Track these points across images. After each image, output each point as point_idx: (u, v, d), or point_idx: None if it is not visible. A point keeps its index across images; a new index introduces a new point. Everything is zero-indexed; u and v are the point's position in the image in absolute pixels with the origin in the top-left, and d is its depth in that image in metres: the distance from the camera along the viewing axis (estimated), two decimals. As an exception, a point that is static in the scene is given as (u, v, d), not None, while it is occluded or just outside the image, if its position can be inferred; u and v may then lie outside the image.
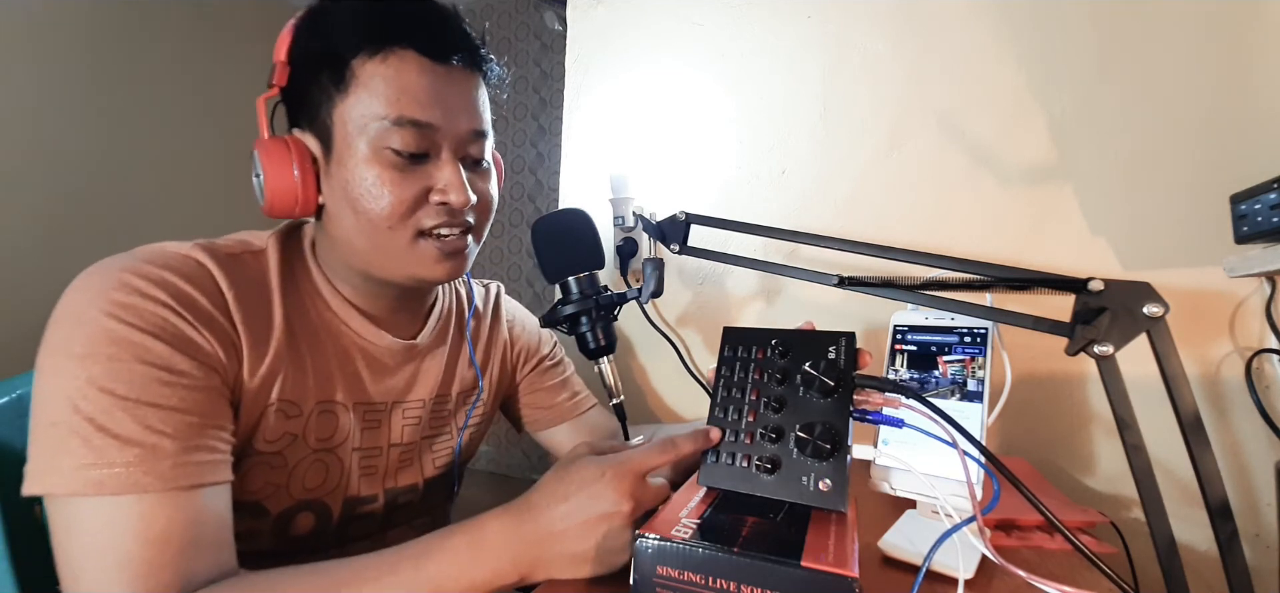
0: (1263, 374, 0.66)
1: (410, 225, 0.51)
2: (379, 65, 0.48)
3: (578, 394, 0.79)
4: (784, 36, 0.92)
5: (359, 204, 0.49)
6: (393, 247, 0.51)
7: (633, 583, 0.34)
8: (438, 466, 0.65)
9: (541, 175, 2.34)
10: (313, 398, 0.53)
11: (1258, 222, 0.57)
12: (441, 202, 0.51)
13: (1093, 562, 0.36)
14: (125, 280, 0.43)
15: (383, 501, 0.60)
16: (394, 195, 0.49)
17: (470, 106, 0.53)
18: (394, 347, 0.60)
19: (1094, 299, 0.36)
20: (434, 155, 0.51)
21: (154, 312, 0.43)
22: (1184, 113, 0.71)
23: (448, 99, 0.51)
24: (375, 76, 0.48)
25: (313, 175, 0.51)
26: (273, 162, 0.50)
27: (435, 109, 0.49)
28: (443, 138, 0.51)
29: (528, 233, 1.14)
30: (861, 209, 0.86)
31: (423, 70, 0.49)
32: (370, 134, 0.48)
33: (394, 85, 0.48)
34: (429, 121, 0.49)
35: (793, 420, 0.40)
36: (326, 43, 0.49)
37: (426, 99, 0.49)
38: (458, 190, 0.50)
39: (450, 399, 0.66)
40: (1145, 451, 0.34)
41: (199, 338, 0.44)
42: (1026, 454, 0.74)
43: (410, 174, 0.50)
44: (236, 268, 0.50)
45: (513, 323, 0.76)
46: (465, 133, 0.52)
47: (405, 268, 0.53)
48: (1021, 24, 0.78)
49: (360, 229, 0.51)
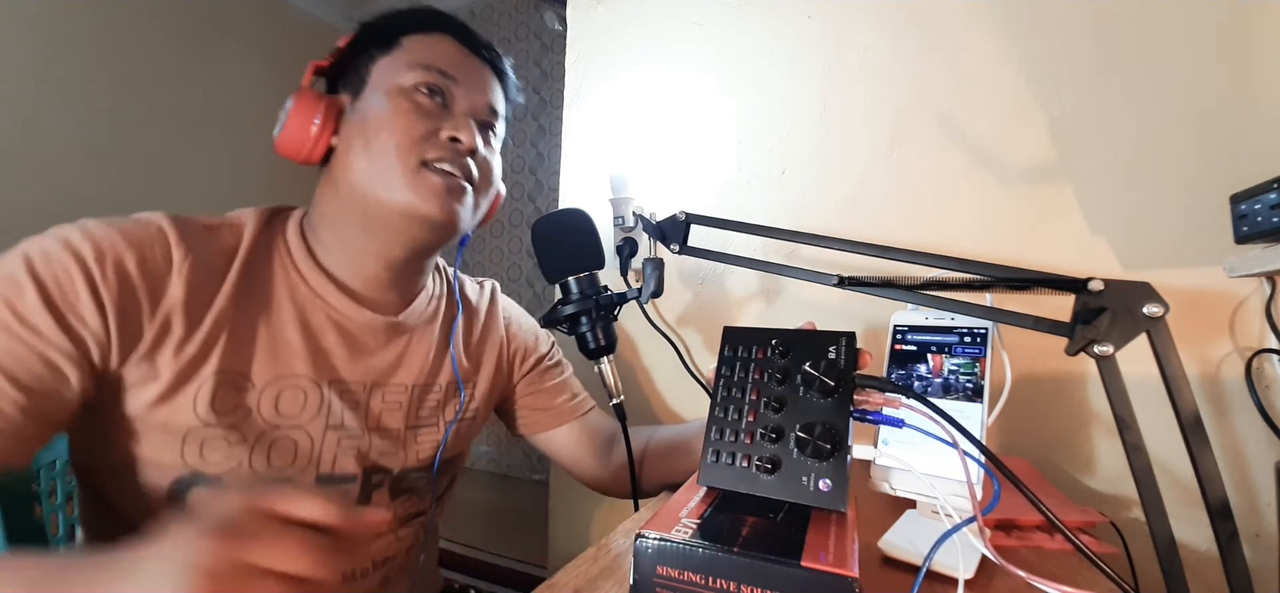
0: (1263, 374, 0.66)
1: (415, 153, 0.55)
2: (422, 38, 0.59)
3: (577, 396, 0.77)
4: (784, 36, 0.92)
5: (375, 131, 0.55)
6: (394, 174, 0.54)
7: (633, 583, 0.34)
8: (421, 456, 0.63)
9: (541, 175, 2.35)
10: (266, 372, 0.53)
11: (1258, 222, 0.57)
12: (451, 137, 0.56)
13: (1093, 562, 0.36)
14: (66, 233, 0.46)
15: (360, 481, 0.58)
16: (408, 122, 0.55)
17: (488, 87, 0.62)
18: (374, 323, 0.59)
19: (1094, 299, 0.36)
20: (451, 107, 0.58)
21: (60, 263, 0.44)
22: (1184, 113, 0.71)
23: (471, 74, 0.60)
24: (416, 44, 0.59)
25: (331, 126, 0.57)
26: (302, 104, 0.56)
27: (458, 72, 0.59)
28: (460, 94, 0.59)
29: (528, 233, 1.14)
30: (861, 209, 0.86)
31: (455, 48, 0.60)
32: (401, 77, 0.57)
33: (428, 47, 0.59)
34: (450, 73, 0.58)
35: (793, 420, 0.40)
36: (385, 26, 0.60)
37: (454, 64, 0.59)
38: (467, 132, 0.57)
39: (437, 389, 0.65)
40: (1145, 451, 0.34)
41: (86, 303, 0.45)
42: (1026, 454, 0.74)
43: (427, 114, 0.56)
44: (205, 238, 0.52)
45: (510, 321, 0.75)
46: (481, 103, 0.60)
47: (402, 197, 0.55)
48: (1021, 24, 0.78)
49: (369, 154, 0.55)
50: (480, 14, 2.47)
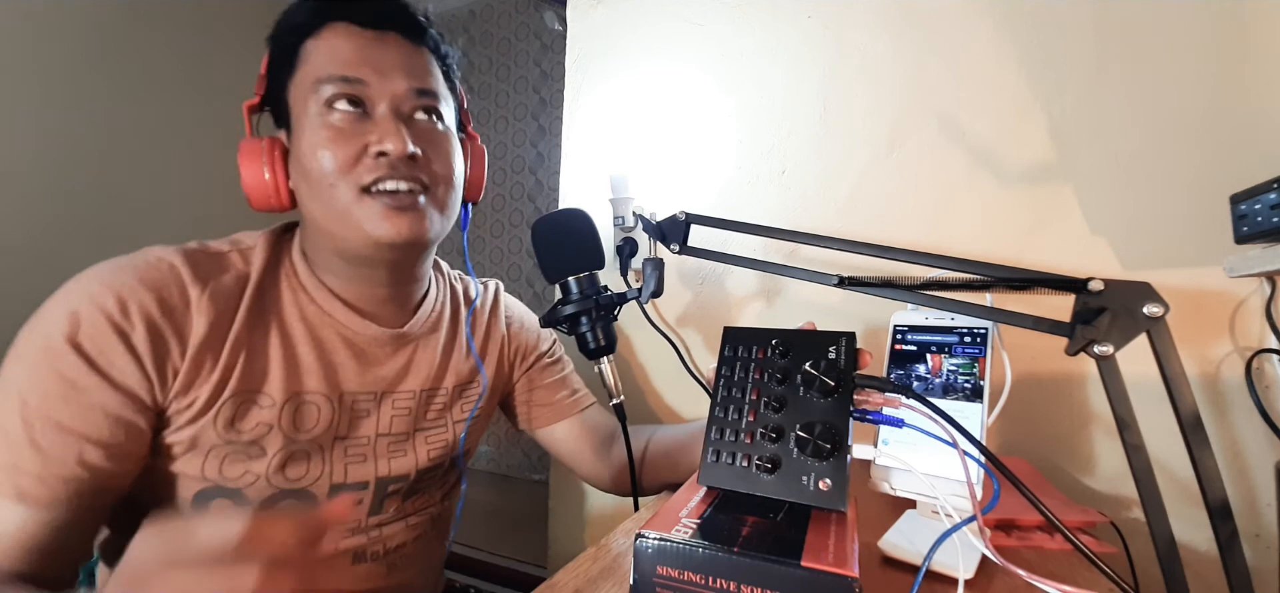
0: (1263, 374, 0.66)
1: (351, 181, 0.53)
2: (316, 41, 0.54)
3: (577, 392, 0.79)
4: (784, 36, 0.92)
5: (308, 170, 0.53)
6: (339, 206, 0.53)
7: (633, 583, 0.34)
8: (432, 457, 0.65)
9: (541, 175, 2.34)
10: (283, 388, 0.54)
11: (1258, 222, 0.57)
12: (379, 152, 0.53)
13: (1093, 562, 0.36)
14: (88, 290, 0.47)
15: (373, 487, 0.60)
16: (332, 151, 0.52)
17: (407, 67, 0.56)
18: (381, 336, 0.60)
19: (1094, 299, 0.36)
20: (371, 113, 0.54)
21: (92, 323, 0.46)
22: (1184, 113, 0.70)
23: (379, 60, 0.54)
24: (313, 51, 0.54)
25: (283, 168, 0.55)
26: (247, 160, 0.55)
27: (364, 67, 0.53)
28: (376, 95, 0.54)
29: (528, 233, 1.14)
30: (861, 209, 0.86)
31: (351, 36, 0.54)
32: (311, 101, 0.53)
33: (325, 52, 0.54)
34: (356, 77, 0.53)
35: (793, 420, 0.40)
36: (282, 37, 0.56)
37: (354, 59, 0.53)
38: (393, 139, 0.52)
39: (444, 391, 0.66)
40: (1145, 451, 0.34)
41: (121, 357, 0.46)
42: (1026, 454, 0.74)
43: (348, 132, 0.53)
44: (216, 266, 0.53)
45: (511, 320, 0.76)
46: (402, 91, 0.55)
47: (356, 228, 0.54)
48: (1021, 24, 0.78)
49: (313, 196, 0.54)
50: (480, 14, 2.47)
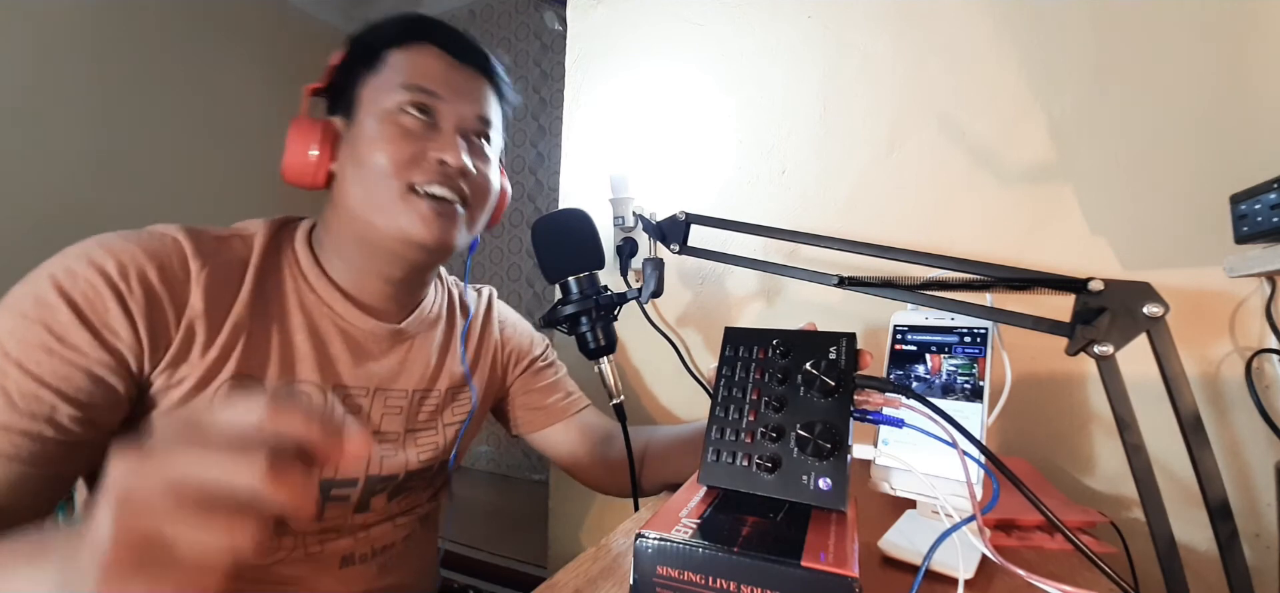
0: (1263, 374, 0.66)
1: (402, 178, 0.55)
2: (404, 53, 0.58)
3: (570, 395, 0.79)
4: (784, 37, 0.92)
5: (365, 156, 0.55)
6: (385, 198, 0.55)
7: (633, 583, 0.34)
8: (422, 459, 0.65)
9: (541, 175, 2.34)
10: (277, 376, 0.54)
11: (1258, 222, 0.57)
12: (438, 159, 0.56)
13: (1093, 562, 0.36)
14: (87, 250, 0.47)
15: (362, 485, 0.60)
16: (396, 147, 0.55)
17: (477, 96, 0.60)
18: (378, 330, 0.61)
19: (1094, 299, 0.36)
20: (438, 125, 0.58)
21: (87, 280, 0.46)
22: (1184, 113, 0.71)
23: (456, 83, 0.59)
24: (400, 60, 0.58)
25: (329, 150, 0.58)
26: (299, 134, 0.57)
27: (443, 87, 0.58)
28: (447, 111, 0.58)
29: (528, 233, 1.14)
30: (861, 209, 0.86)
31: (440, 59, 0.59)
32: (388, 100, 0.56)
33: (412, 64, 0.58)
34: (434, 91, 0.57)
35: (793, 420, 0.40)
36: (367, 39, 0.60)
37: (438, 78, 0.58)
38: (453, 152, 0.56)
39: (437, 394, 0.66)
40: (1145, 451, 0.34)
41: (116, 316, 0.46)
42: (1026, 454, 0.74)
43: (413, 135, 0.56)
44: (219, 249, 0.54)
45: (504, 325, 0.77)
46: (470, 115, 0.59)
47: (395, 221, 0.56)
48: (1021, 24, 0.78)
49: (360, 181, 0.56)
50: (480, 14, 2.47)
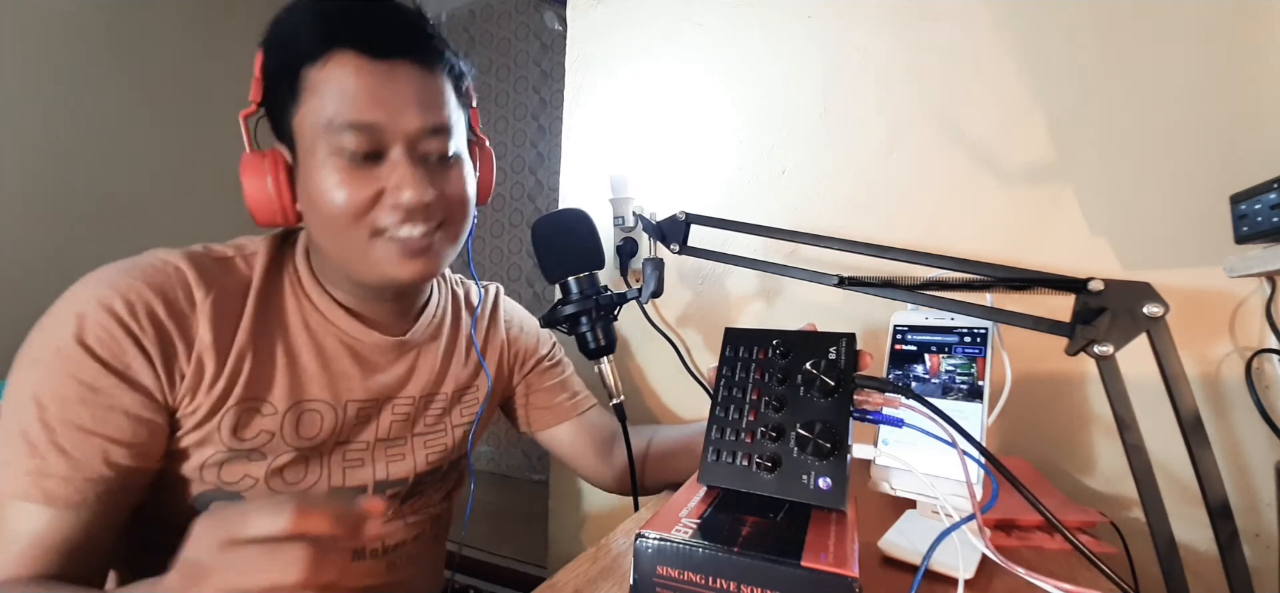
0: (1263, 374, 0.66)
1: (365, 225, 0.51)
2: (320, 71, 0.49)
3: (577, 394, 0.79)
4: (784, 36, 0.92)
5: (319, 207, 0.51)
6: (353, 247, 0.52)
7: (633, 583, 0.34)
8: (430, 461, 0.65)
9: (541, 175, 2.34)
10: (286, 397, 0.54)
11: (1258, 222, 0.57)
12: (393, 203, 0.50)
13: (1093, 562, 0.36)
14: (95, 292, 0.46)
15: (371, 491, 0.60)
16: (347, 195, 0.49)
17: (421, 102, 0.51)
18: (382, 343, 0.60)
19: (1094, 299, 0.36)
20: (385, 154, 0.50)
21: (100, 325, 0.45)
22: (1184, 113, 0.70)
23: (391, 97, 0.49)
24: (319, 83, 0.49)
25: (289, 185, 0.52)
26: (250, 175, 0.51)
27: (376, 108, 0.49)
28: (390, 136, 0.50)
29: (528, 233, 1.14)
30: (861, 209, 0.86)
31: (361, 71, 0.49)
32: (321, 140, 0.49)
33: (334, 90, 0.48)
34: (370, 121, 0.49)
35: (793, 419, 0.40)
36: (280, 55, 0.51)
37: (365, 99, 0.49)
38: (412, 187, 0.50)
39: (443, 396, 0.67)
40: (1145, 451, 0.34)
41: (135, 358, 0.46)
42: (1026, 454, 0.74)
43: (362, 175, 0.50)
44: (221, 272, 0.52)
45: (510, 323, 0.76)
46: (416, 130, 0.51)
47: (371, 268, 0.53)
48: (1021, 24, 0.78)
49: (324, 231, 0.53)
50: (480, 14, 2.47)
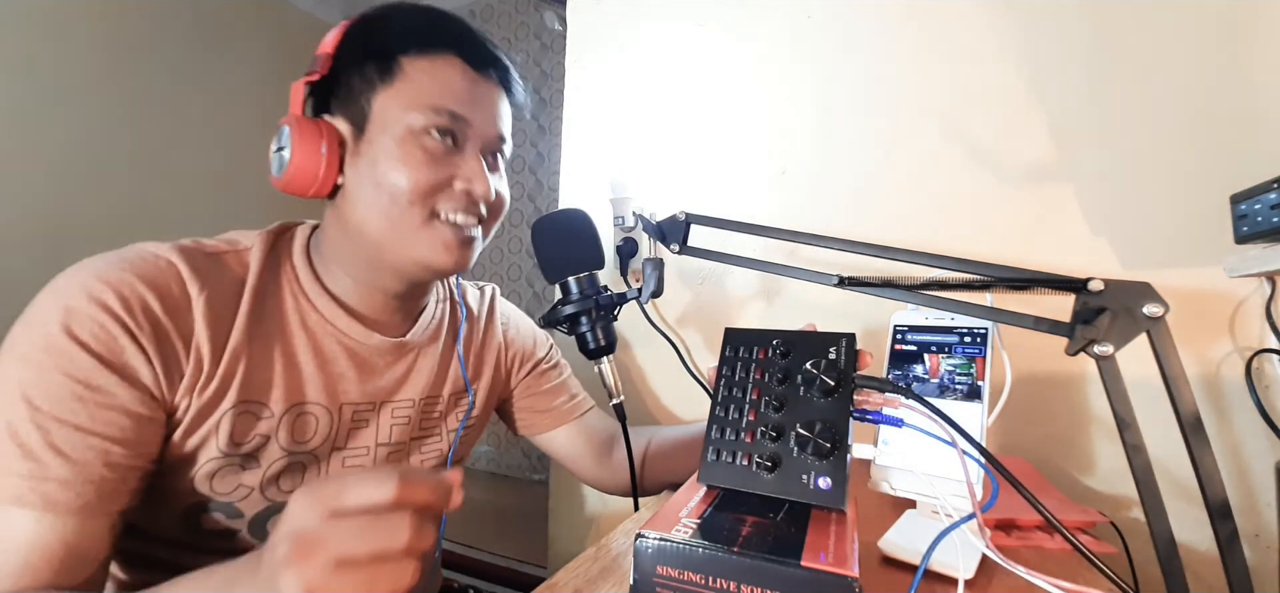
0: (1263, 374, 0.66)
1: (427, 206, 0.53)
2: (427, 63, 0.54)
3: (575, 397, 0.78)
4: (784, 36, 0.92)
5: (385, 179, 0.52)
6: (407, 225, 0.53)
7: (633, 583, 0.34)
8: (427, 464, 0.65)
9: (541, 175, 2.34)
10: (283, 400, 0.53)
11: (1258, 222, 0.57)
12: (465, 189, 0.54)
13: (1092, 562, 0.36)
14: (84, 284, 0.45)
15: None
16: (421, 174, 0.52)
17: (499, 114, 0.58)
18: (382, 345, 0.60)
19: (1094, 299, 0.36)
20: (461, 148, 0.55)
21: (93, 319, 0.44)
22: (1184, 113, 0.71)
23: (481, 102, 0.56)
24: (422, 72, 0.53)
25: (337, 157, 0.54)
26: (304, 138, 0.52)
27: (473, 107, 0.55)
28: (473, 134, 0.55)
29: (528, 233, 1.14)
30: (861, 209, 0.86)
31: (464, 74, 0.55)
32: (410, 119, 0.52)
33: (439, 80, 0.54)
34: (465, 115, 0.54)
35: (793, 419, 0.40)
36: (378, 39, 0.54)
37: (462, 96, 0.54)
38: (481, 180, 0.55)
39: (442, 400, 0.66)
40: (1145, 451, 0.34)
41: (132, 354, 0.45)
42: (1026, 454, 0.74)
43: (439, 160, 0.54)
44: (214, 268, 0.51)
45: (507, 326, 0.75)
46: (492, 135, 0.57)
47: (415, 250, 0.54)
48: (1022, 24, 0.78)
49: (379, 206, 0.53)
50: (480, 14, 2.47)
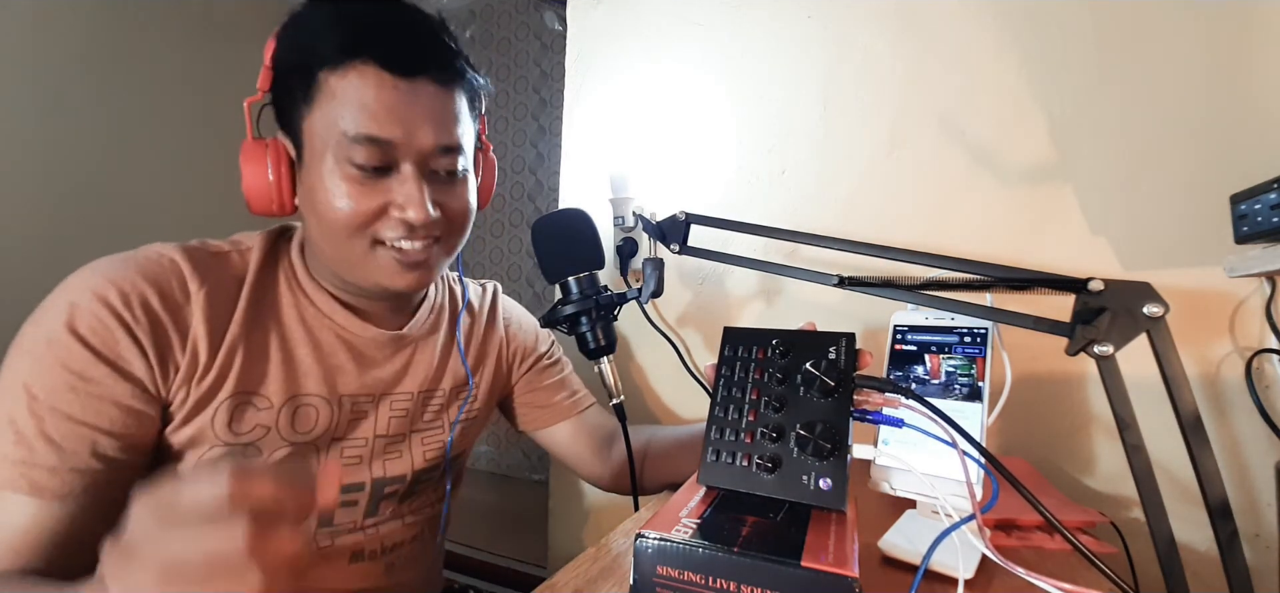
0: (1263, 374, 0.66)
1: (367, 234, 0.52)
2: (340, 79, 0.48)
3: (576, 393, 0.79)
4: (784, 36, 0.92)
5: (320, 211, 0.51)
6: (351, 254, 0.53)
7: (633, 583, 0.34)
8: (428, 458, 0.65)
9: (541, 175, 2.34)
10: (281, 391, 0.54)
11: (1258, 222, 0.57)
12: (400, 218, 0.51)
13: (1092, 562, 0.36)
14: (90, 282, 0.46)
15: (369, 490, 0.60)
16: (353, 206, 0.50)
17: (436, 120, 0.51)
18: (379, 338, 0.60)
19: (1094, 299, 0.36)
20: (395, 169, 0.51)
21: (93, 313, 0.45)
22: (1184, 113, 0.70)
23: (409, 114, 0.50)
24: (337, 90, 0.49)
25: (289, 178, 0.53)
26: (250, 163, 0.52)
27: (394, 125, 0.49)
28: (402, 153, 0.50)
29: (528, 233, 1.14)
30: (861, 209, 0.86)
31: (382, 85, 0.49)
32: (332, 147, 0.49)
33: (353, 100, 0.48)
34: (386, 137, 0.49)
35: (793, 419, 0.40)
36: (297, 53, 0.50)
37: (384, 115, 0.49)
38: (417, 207, 0.50)
39: (442, 393, 0.66)
40: (1145, 451, 0.34)
41: (127, 347, 0.46)
42: (1026, 454, 0.74)
43: (370, 187, 0.50)
44: (217, 266, 0.52)
45: (509, 322, 0.76)
46: (429, 148, 0.51)
47: (367, 275, 0.54)
48: (1021, 24, 0.78)
49: (322, 234, 0.53)
50: (480, 14, 2.47)
